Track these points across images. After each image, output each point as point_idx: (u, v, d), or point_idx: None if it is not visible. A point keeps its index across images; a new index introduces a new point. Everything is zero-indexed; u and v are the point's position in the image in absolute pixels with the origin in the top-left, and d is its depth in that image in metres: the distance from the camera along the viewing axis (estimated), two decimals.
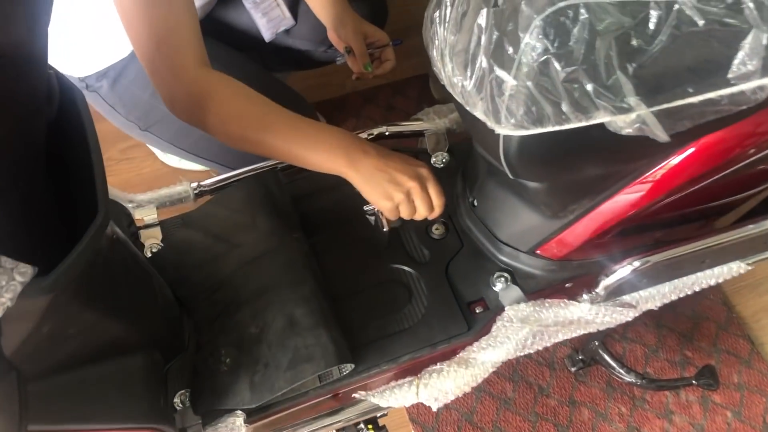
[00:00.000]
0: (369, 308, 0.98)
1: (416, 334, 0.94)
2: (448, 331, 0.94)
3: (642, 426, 1.43)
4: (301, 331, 0.89)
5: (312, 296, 0.93)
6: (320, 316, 0.90)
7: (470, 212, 1.02)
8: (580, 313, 0.95)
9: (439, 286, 0.99)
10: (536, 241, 0.95)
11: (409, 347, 0.93)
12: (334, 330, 0.90)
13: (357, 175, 0.87)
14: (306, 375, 0.86)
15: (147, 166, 1.79)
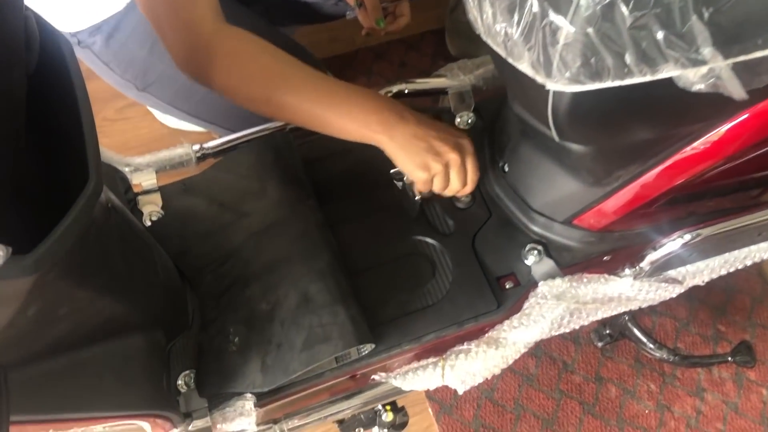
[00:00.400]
0: (389, 284, 0.92)
1: (441, 311, 0.89)
2: (476, 308, 0.89)
3: (672, 404, 1.38)
4: (316, 309, 0.84)
5: (328, 271, 0.87)
6: (337, 293, 0.85)
7: (500, 178, 0.95)
8: (621, 289, 0.89)
9: (466, 260, 0.92)
10: (574, 211, 0.88)
11: (433, 326, 0.88)
12: (352, 307, 0.84)
13: (392, 143, 0.80)
14: (323, 356, 0.81)
15: (144, 126, 1.71)
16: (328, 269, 0.87)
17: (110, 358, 0.71)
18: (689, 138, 0.75)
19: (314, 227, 0.92)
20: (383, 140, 0.81)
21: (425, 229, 0.96)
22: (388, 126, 0.80)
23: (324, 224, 0.93)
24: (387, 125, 0.80)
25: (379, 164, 0.96)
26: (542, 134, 0.77)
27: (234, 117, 1.18)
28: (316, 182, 1.00)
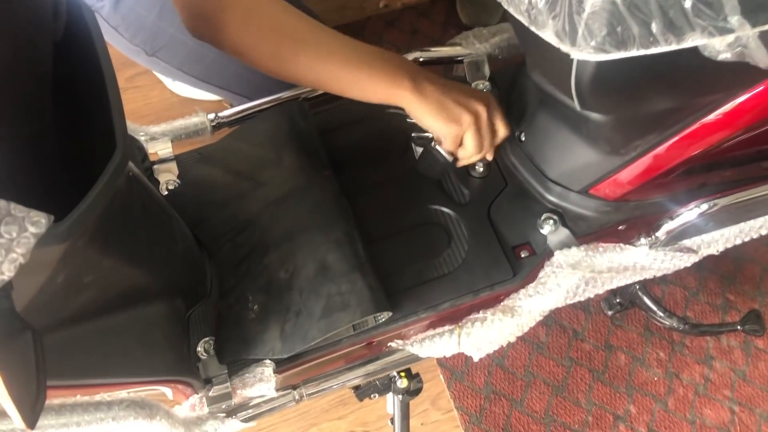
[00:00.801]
0: (405, 252, 0.91)
1: (456, 280, 0.89)
2: (492, 277, 0.89)
3: (681, 371, 1.39)
4: (334, 277, 0.84)
5: (345, 240, 0.87)
6: (355, 261, 0.85)
7: (516, 148, 0.94)
8: (636, 258, 0.89)
9: (481, 229, 0.92)
10: (590, 180, 0.88)
11: (450, 294, 0.88)
12: (369, 276, 0.84)
13: (422, 99, 0.79)
14: (341, 324, 0.81)
15: (155, 95, 1.70)
16: (346, 238, 0.87)
17: (134, 324, 0.72)
18: (709, 107, 0.74)
19: (331, 196, 0.92)
20: (411, 98, 0.79)
21: (441, 198, 0.95)
22: (417, 83, 0.79)
23: (340, 194, 0.93)
24: (415, 82, 0.79)
25: (393, 133, 0.97)
26: (561, 103, 0.77)
27: (245, 82, 1.16)
28: (331, 152, 0.99)
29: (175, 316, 0.82)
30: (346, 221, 0.89)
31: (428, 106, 0.80)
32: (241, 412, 0.86)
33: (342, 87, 0.80)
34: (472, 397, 1.37)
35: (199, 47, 0.84)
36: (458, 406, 1.36)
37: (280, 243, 0.89)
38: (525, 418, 1.35)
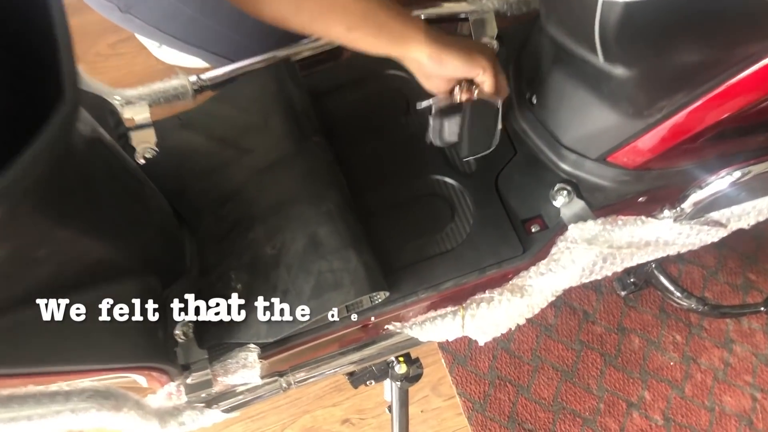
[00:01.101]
0: (405, 227, 0.86)
1: (461, 256, 0.84)
2: (499, 253, 0.84)
3: (699, 356, 1.35)
4: (326, 254, 0.78)
5: (338, 212, 0.81)
6: (348, 236, 0.79)
7: (527, 112, 0.88)
8: (659, 232, 0.83)
9: (488, 201, 0.87)
10: (609, 147, 0.82)
11: (453, 272, 0.83)
12: (365, 252, 0.79)
13: (437, 43, 0.73)
14: (333, 305, 0.76)
15: (139, 62, 1.62)
16: (338, 211, 0.81)
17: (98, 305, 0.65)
18: (747, 62, 0.67)
19: (322, 165, 0.86)
20: (427, 45, 0.73)
21: (444, 168, 0.90)
22: (431, 33, 0.73)
23: (333, 162, 0.87)
24: (429, 32, 0.73)
25: (393, 96, 0.91)
26: (580, 59, 0.71)
27: (226, 41, 1.08)
28: (325, 117, 0.93)
29: (149, 294, 0.75)
30: (339, 192, 0.83)
31: (444, 48, 0.74)
32: (223, 401, 0.81)
33: (350, 34, 0.72)
34: (475, 382, 1.32)
35: (176, 2, 0.76)
36: (461, 392, 1.32)
37: (266, 216, 0.83)
38: (532, 405, 1.31)
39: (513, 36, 0.97)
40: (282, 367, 0.83)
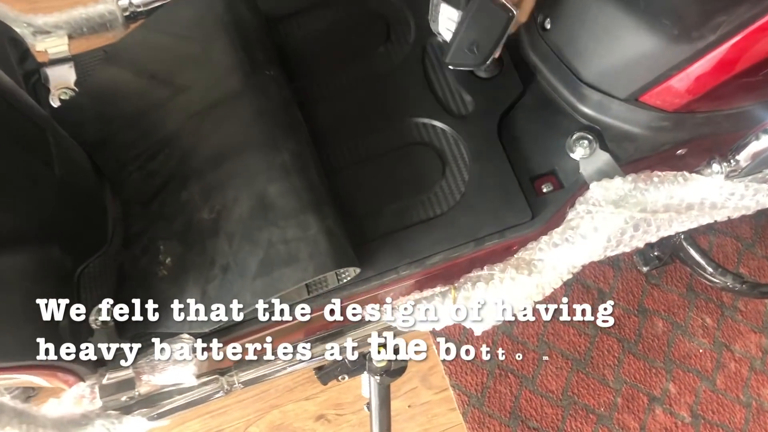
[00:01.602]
0: (382, 186, 0.79)
1: (452, 223, 0.77)
2: (501, 219, 0.77)
3: (732, 342, 1.28)
4: (277, 219, 0.70)
5: (295, 165, 0.73)
6: (307, 196, 0.71)
7: (537, 39, 0.79)
8: (706, 192, 0.73)
9: (489, 153, 0.79)
10: (643, 82, 0.73)
11: (442, 243, 0.76)
12: (329, 217, 0.71)
13: None
14: (286, 285, 0.68)
15: None
16: (295, 163, 0.73)
17: None
18: None
19: (277, 105, 0.77)
20: None
21: (432, 108, 0.82)
22: None
23: (291, 102, 0.79)
24: None
25: (371, 20, 0.84)
26: None
27: None
28: (284, 46, 0.85)
29: (48, 272, 0.66)
30: (296, 139, 0.75)
31: None
32: (148, 406, 0.70)
33: None
34: (472, 372, 1.25)
35: None
36: (455, 384, 1.25)
37: (204, 171, 0.75)
38: (538, 400, 1.24)
39: None
40: (225, 363, 0.73)
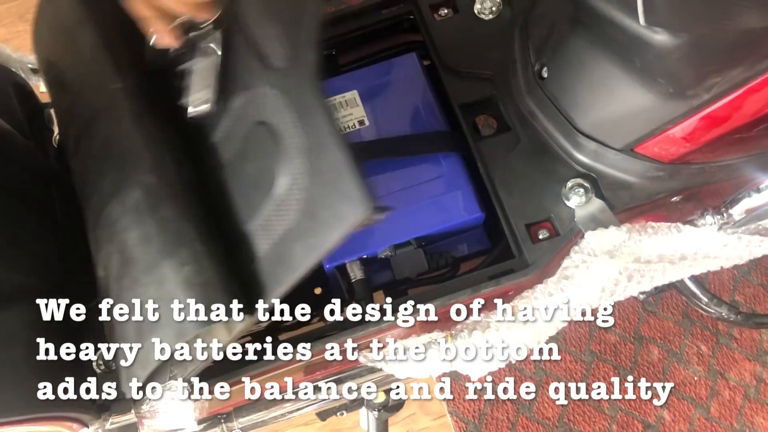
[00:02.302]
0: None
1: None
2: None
3: (727, 370, 1.27)
4: (139, 276, 0.59)
5: (147, 204, 0.61)
6: (161, 241, 0.59)
7: (535, 88, 0.77)
8: (699, 243, 0.72)
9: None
10: (639, 134, 0.72)
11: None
12: (189, 262, 0.58)
13: None
14: (151, 360, 0.59)
15: None
16: (148, 200, 0.61)
17: None
18: None
19: (128, 127, 0.64)
20: None
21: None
22: None
23: (146, 112, 0.65)
24: None
25: None
26: (607, 21, 0.61)
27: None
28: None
29: (52, 320, 0.63)
30: (151, 165, 0.62)
31: None
32: None
33: None
34: (470, 399, 1.25)
35: None
36: (452, 410, 1.25)
37: (88, 221, 0.66)
38: (534, 426, 1.24)
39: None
40: (224, 408, 0.73)
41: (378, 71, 0.83)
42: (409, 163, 0.78)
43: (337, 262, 0.74)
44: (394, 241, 0.75)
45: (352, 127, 0.79)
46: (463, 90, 0.79)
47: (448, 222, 0.76)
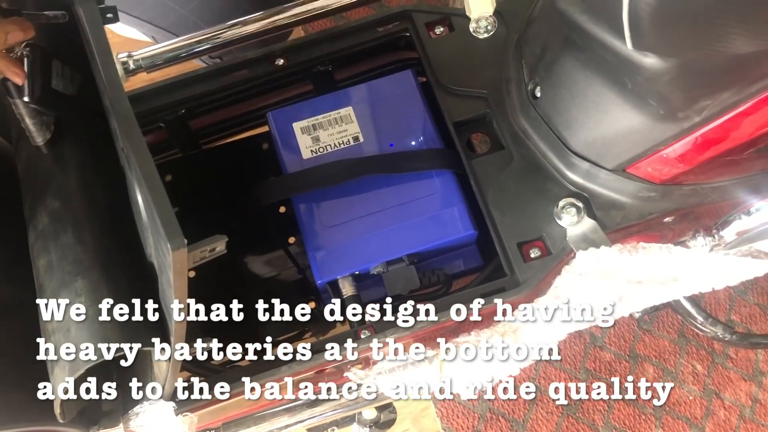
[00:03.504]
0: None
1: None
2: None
3: (722, 389, 1.27)
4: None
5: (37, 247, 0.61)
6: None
7: (528, 107, 0.76)
8: (691, 264, 0.71)
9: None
10: (631, 155, 0.71)
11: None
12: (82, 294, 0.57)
13: None
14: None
15: None
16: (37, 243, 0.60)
17: None
18: None
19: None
20: None
21: None
22: None
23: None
24: None
25: None
26: (599, 42, 0.60)
27: (170, 12, 0.95)
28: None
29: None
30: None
31: None
32: None
33: None
34: (463, 415, 1.24)
35: None
36: (446, 427, 1.24)
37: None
38: None
39: (514, 12, 0.84)
40: (212, 423, 0.72)
41: (373, 88, 0.83)
42: (403, 179, 0.77)
43: (329, 277, 0.74)
44: (387, 258, 0.74)
45: (347, 143, 0.79)
46: (458, 108, 0.79)
47: (441, 239, 0.75)
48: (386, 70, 0.89)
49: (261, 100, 0.88)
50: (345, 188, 0.77)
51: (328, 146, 0.79)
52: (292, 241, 0.86)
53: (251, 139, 0.91)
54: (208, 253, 0.47)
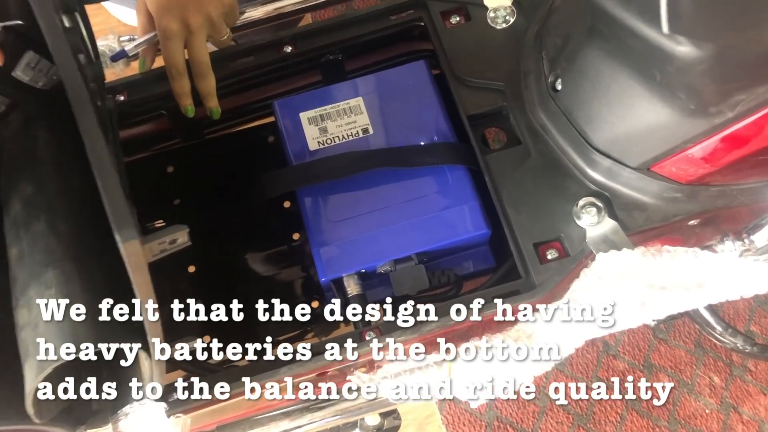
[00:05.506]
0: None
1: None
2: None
3: (741, 403, 1.25)
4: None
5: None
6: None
7: (547, 101, 0.74)
8: (719, 270, 0.69)
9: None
10: (656, 153, 0.68)
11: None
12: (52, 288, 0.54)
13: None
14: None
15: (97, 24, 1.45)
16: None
17: None
18: None
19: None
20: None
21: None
22: None
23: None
24: None
25: None
26: (627, 31, 0.58)
27: None
28: None
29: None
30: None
31: None
32: None
33: None
34: (470, 424, 1.22)
35: None
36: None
37: None
38: None
39: (534, 2, 0.82)
40: (207, 425, 0.70)
41: (385, 78, 0.80)
42: (414, 174, 0.75)
43: (334, 275, 0.71)
44: (395, 256, 0.72)
45: (356, 135, 0.77)
46: (473, 100, 0.76)
47: (452, 237, 0.73)
48: (398, 60, 0.87)
49: (267, 89, 0.86)
50: (352, 182, 0.75)
51: (336, 138, 0.77)
52: (297, 238, 0.84)
53: (256, 130, 0.89)
54: (168, 245, 0.44)
